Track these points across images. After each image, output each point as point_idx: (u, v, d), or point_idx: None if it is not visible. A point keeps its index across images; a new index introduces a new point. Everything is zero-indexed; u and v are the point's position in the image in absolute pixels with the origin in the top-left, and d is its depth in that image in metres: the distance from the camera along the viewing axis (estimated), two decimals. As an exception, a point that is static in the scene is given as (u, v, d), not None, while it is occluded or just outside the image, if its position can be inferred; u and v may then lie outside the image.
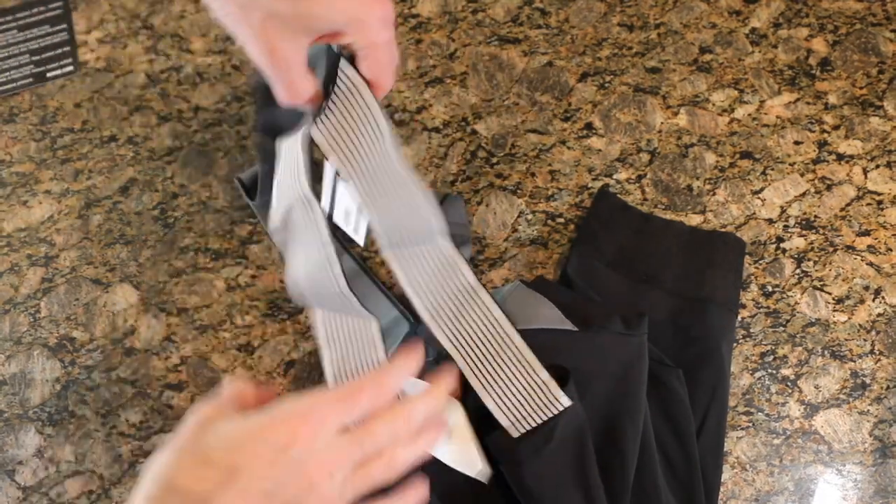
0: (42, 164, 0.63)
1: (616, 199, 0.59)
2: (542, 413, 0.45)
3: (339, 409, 0.36)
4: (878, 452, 0.52)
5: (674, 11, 0.67)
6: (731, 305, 0.55)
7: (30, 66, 0.67)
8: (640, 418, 0.47)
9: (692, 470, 0.49)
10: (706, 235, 0.58)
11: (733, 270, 0.56)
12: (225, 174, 0.62)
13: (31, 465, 0.54)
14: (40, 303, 0.59)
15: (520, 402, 0.45)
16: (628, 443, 0.47)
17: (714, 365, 0.52)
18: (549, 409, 0.45)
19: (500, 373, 0.46)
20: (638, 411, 0.48)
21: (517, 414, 0.45)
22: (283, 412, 0.36)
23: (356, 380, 0.40)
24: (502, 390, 0.46)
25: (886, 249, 0.58)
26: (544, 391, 0.45)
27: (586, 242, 0.57)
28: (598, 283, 0.56)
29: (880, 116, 0.62)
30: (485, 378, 0.46)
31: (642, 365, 0.49)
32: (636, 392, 0.48)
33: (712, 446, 0.51)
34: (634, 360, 0.49)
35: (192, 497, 0.33)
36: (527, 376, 0.46)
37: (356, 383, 0.37)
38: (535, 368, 0.46)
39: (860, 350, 0.55)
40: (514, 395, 0.45)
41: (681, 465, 0.50)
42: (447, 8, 0.68)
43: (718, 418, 0.52)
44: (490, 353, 0.47)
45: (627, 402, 0.48)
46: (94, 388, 0.56)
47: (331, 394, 0.37)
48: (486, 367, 0.46)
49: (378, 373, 0.38)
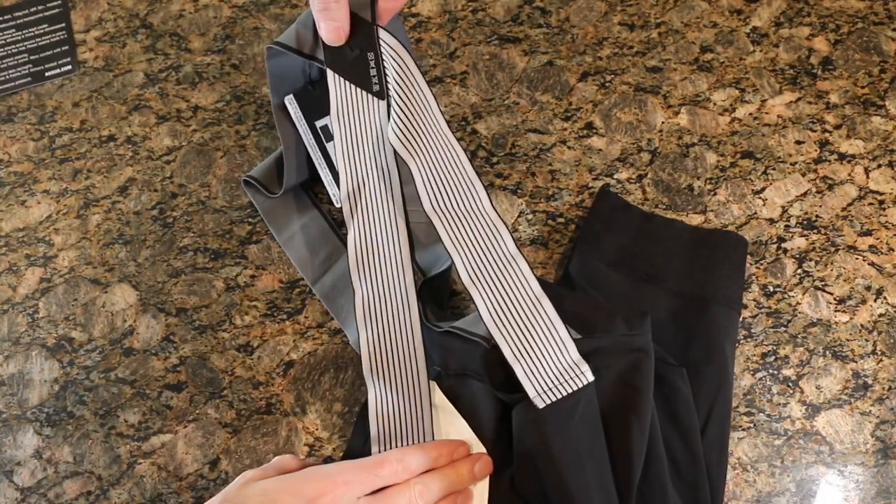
0: (40, 164, 0.63)
1: (617, 198, 0.59)
2: (566, 387, 0.46)
3: (362, 478, 0.42)
4: (879, 453, 0.52)
5: (675, 10, 0.67)
6: (733, 304, 0.55)
7: (28, 65, 0.67)
8: (647, 418, 0.47)
9: (697, 469, 0.49)
10: (708, 234, 0.57)
11: (736, 269, 0.56)
12: (224, 174, 0.62)
13: (30, 466, 0.54)
14: (38, 303, 0.58)
15: (548, 374, 0.46)
16: (634, 442, 0.46)
17: (717, 363, 0.52)
18: (574, 382, 0.46)
19: (532, 343, 0.47)
20: (644, 409, 0.47)
21: (544, 385, 0.46)
22: (313, 473, 0.42)
23: (381, 454, 0.45)
24: (532, 360, 0.46)
25: (888, 249, 0.58)
26: (572, 366, 0.46)
27: (588, 242, 0.57)
28: (599, 283, 0.55)
29: (882, 116, 0.62)
30: (516, 346, 0.47)
31: (648, 362, 0.49)
32: (641, 389, 0.48)
33: (717, 445, 0.51)
34: (639, 358, 0.49)
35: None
36: (557, 350, 0.47)
37: (381, 457, 0.44)
38: (566, 343, 0.47)
39: (862, 350, 0.55)
40: (543, 366, 0.46)
41: (686, 464, 0.49)
42: (447, 7, 0.68)
43: (722, 417, 0.51)
44: (524, 323, 0.47)
45: (633, 399, 0.47)
46: (92, 388, 0.55)
47: (357, 463, 0.43)
48: (519, 336, 0.47)
49: (404, 451, 0.45)
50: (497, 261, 0.48)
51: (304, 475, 0.42)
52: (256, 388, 0.55)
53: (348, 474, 0.42)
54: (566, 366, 0.46)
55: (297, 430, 0.54)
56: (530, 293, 0.48)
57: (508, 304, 0.47)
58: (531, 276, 0.48)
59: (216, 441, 0.54)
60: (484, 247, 0.49)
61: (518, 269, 0.48)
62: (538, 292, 0.48)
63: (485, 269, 0.48)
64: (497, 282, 0.48)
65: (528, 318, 0.47)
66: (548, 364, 0.46)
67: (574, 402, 0.46)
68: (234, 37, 0.68)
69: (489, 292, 0.48)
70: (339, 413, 0.54)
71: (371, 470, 0.43)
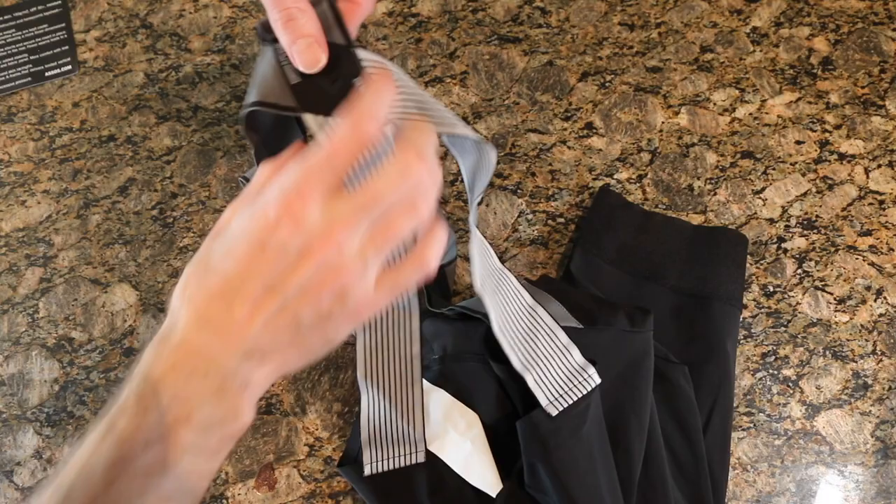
0: (41, 164, 0.63)
1: (617, 196, 0.59)
2: (575, 392, 0.46)
3: (326, 172, 0.33)
4: (879, 453, 0.52)
5: (675, 10, 0.67)
6: (734, 301, 0.55)
7: (28, 65, 0.67)
8: (646, 415, 0.47)
9: (699, 466, 0.49)
10: (708, 232, 0.57)
11: (737, 266, 0.56)
12: (224, 174, 0.62)
13: (30, 466, 0.54)
14: (39, 303, 0.58)
15: (556, 381, 0.46)
16: (633, 439, 0.47)
17: (718, 361, 0.52)
18: (582, 387, 0.46)
19: (537, 351, 0.47)
20: (643, 408, 0.47)
21: (555, 392, 0.46)
22: (274, 195, 0.33)
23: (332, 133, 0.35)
24: (541, 368, 0.46)
25: (888, 249, 0.58)
26: (578, 370, 0.46)
27: (589, 241, 0.57)
28: (601, 280, 0.56)
29: (882, 116, 0.62)
30: (524, 355, 0.47)
31: (648, 362, 0.49)
32: (641, 388, 0.48)
33: (719, 443, 0.51)
34: (640, 357, 0.49)
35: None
36: (561, 355, 0.47)
37: (332, 140, 0.34)
38: (568, 348, 0.47)
39: (862, 350, 0.55)
40: (551, 373, 0.46)
41: (688, 461, 0.49)
42: (447, 7, 0.68)
43: (724, 415, 0.51)
44: (525, 330, 0.47)
45: (632, 398, 0.48)
46: (92, 388, 0.55)
47: (313, 159, 0.33)
48: (524, 344, 0.47)
49: (351, 118, 0.34)
50: (492, 273, 0.48)
51: (266, 203, 0.33)
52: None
53: (310, 177, 0.33)
54: (573, 370, 0.46)
55: (297, 430, 0.54)
56: (524, 303, 0.48)
57: (510, 314, 0.47)
58: (521, 289, 0.48)
59: (216, 441, 0.54)
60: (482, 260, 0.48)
61: (509, 281, 0.48)
62: (530, 302, 0.48)
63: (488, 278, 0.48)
64: (498, 293, 0.48)
65: (528, 326, 0.47)
66: (555, 370, 0.46)
67: (585, 407, 0.46)
68: (234, 37, 0.68)
69: (496, 302, 0.47)
70: (338, 413, 0.54)
71: (331, 159, 0.34)
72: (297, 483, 0.52)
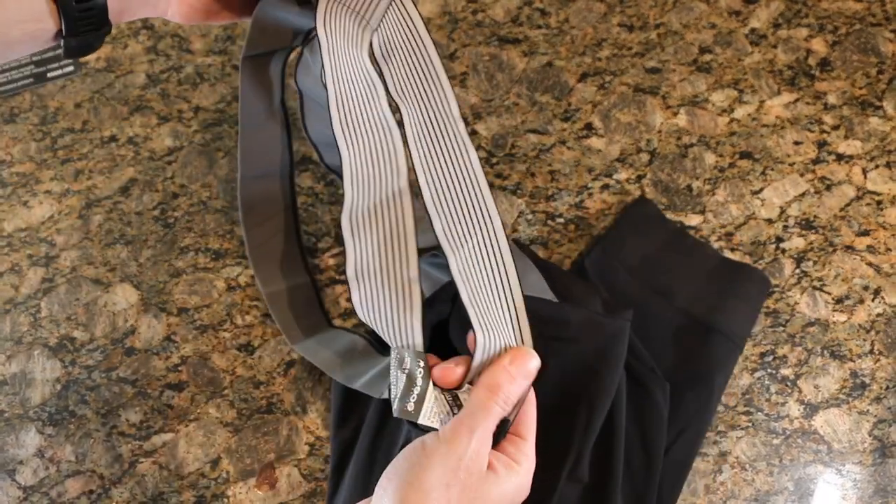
0: (42, 164, 0.63)
1: (654, 208, 0.59)
2: None
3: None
4: (877, 452, 0.52)
5: (673, 12, 0.67)
6: (737, 339, 0.54)
7: (30, 66, 0.67)
8: (600, 405, 0.46)
9: (649, 483, 0.49)
10: (733, 265, 0.57)
11: (750, 305, 0.55)
12: (225, 174, 0.62)
13: (32, 465, 0.54)
14: (41, 303, 0.59)
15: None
16: (577, 429, 0.45)
17: (702, 391, 0.52)
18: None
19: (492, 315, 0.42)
20: (599, 399, 0.46)
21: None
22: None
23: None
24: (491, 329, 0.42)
25: (886, 249, 0.58)
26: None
27: (612, 242, 0.57)
28: (611, 282, 0.55)
29: (880, 117, 0.62)
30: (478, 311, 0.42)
31: (618, 350, 0.47)
32: (603, 376, 0.46)
33: (677, 467, 0.50)
34: (610, 344, 0.47)
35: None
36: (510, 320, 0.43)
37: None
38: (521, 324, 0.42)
39: (860, 350, 0.55)
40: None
41: (640, 474, 0.49)
42: (447, 8, 0.68)
43: (691, 443, 0.51)
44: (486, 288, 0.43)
45: (590, 386, 0.46)
46: (94, 387, 0.56)
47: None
48: (482, 304, 0.42)
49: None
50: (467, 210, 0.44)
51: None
52: (257, 387, 0.55)
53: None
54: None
55: (297, 430, 0.54)
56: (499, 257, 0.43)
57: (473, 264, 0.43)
58: (492, 203, 0.44)
59: (217, 440, 0.54)
60: (461, 205, 0.44)
61: (490, 220, 0.44)
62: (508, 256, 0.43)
63: (458, 228, 0.43)
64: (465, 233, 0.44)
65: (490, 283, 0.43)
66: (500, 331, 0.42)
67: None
68: (235, 38, 0.68)
69: (459, 251, 0.43)
70: (339, 412, 0.54)
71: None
72: (298, 482, 0.53)
